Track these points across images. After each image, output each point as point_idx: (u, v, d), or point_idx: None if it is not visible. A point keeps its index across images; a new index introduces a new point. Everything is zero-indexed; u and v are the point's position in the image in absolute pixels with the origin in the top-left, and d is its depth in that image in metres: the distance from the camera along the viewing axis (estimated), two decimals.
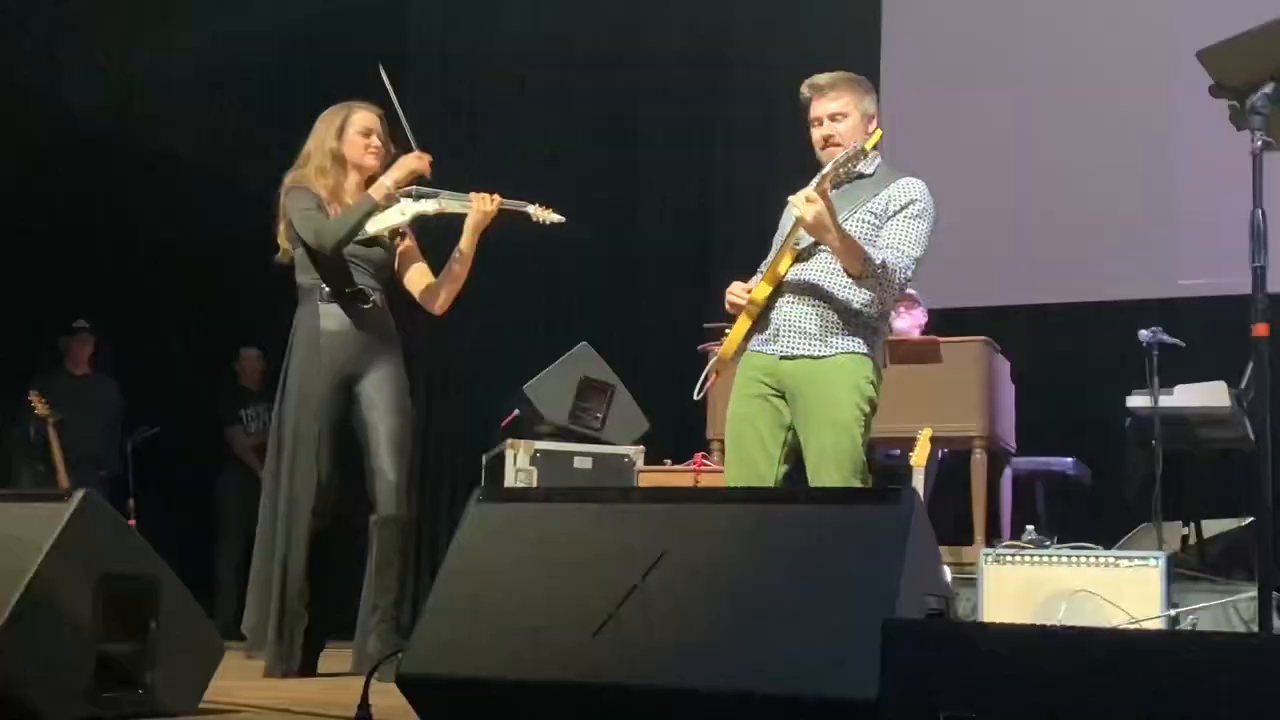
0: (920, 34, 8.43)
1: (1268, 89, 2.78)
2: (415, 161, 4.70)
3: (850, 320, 4.20)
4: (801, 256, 4.24)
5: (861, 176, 4.32)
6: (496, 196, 4.72)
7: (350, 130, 4.82)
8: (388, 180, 4.68)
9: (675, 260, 8.64)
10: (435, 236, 5.01)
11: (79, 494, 3.03)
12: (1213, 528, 6.65)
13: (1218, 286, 7.58)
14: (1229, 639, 2.18)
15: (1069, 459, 6.93)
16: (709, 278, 8.17)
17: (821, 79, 4.36)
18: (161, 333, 7.91)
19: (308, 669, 4.66)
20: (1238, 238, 7.49)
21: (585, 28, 8.80)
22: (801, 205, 4.04)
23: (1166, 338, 6.20)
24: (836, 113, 4.30)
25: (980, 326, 6.15)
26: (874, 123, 4.33)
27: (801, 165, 4.34)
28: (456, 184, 4.84)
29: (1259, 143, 2.76)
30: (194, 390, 7.93)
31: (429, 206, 4.74)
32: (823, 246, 4.16)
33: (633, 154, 8.77)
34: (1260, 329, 2.73)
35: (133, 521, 6.36)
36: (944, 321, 6.44)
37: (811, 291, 4.21)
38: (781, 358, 4.22)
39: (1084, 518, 6.34)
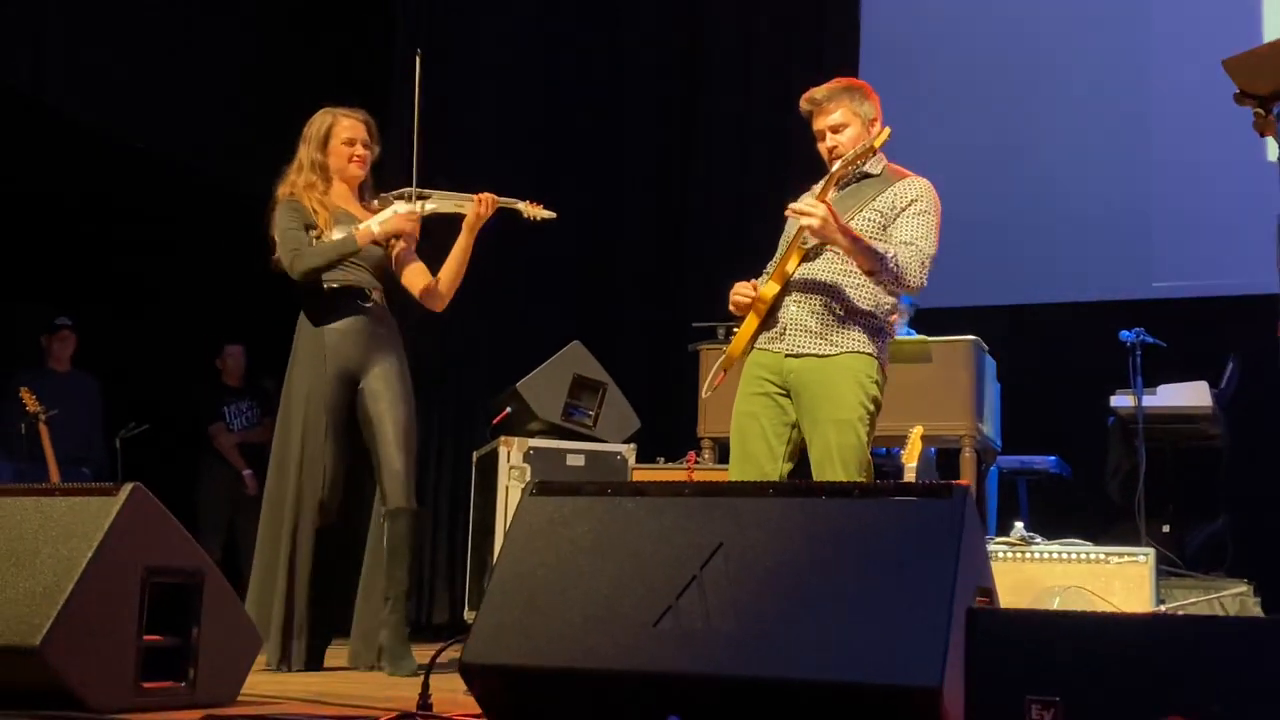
0: (896, 36, 8.50)
1: None
2: (404, 222, 4.73)
3: (856, 319, 4.25)
4: (809, 256, 4.29)
5: (867, 176, 4.39)
6: (490, 196, 4.79)
7: (334, 141, 4.88)
8: (375, 227, 4.71)
9: (655, 261, 8.68)
10: (436, 239, 5.04)
11: (127, 487, 3.06)
12: (1191, 525, 6.81)
13: (1189, 289, 7.73)
14: None
15: (1051, 457, 7.04)
16: (688, 278, 8.25)
17: (818, 93, 4.40)
18: (145, 329, 7.87)
19: (313, 664, 4.69)
20: (1207, 242, 7.68)
21: (567, 26, 8.84)
22: (805, 215, 4.09)
23: (1148, 338, 6.34)
24: (838, 124, 4.34)
25: (959, 326, 6.21)
26: (877, 124, 4.38)
27: (778, 164, 4.36)
28: (434, 182, 4.89)
29: None
30: (177, 387, 7.90)
31: (424, 208, 4.79)
32: (830, 246, 4.22)
33: (615, 151, 8.80)
34: None
35: None
36: (924, 321, 6.51)
37: (818, 291, 4.27)
38: (787, 356, 4.27)
39: (1065, 515, 6.45)
